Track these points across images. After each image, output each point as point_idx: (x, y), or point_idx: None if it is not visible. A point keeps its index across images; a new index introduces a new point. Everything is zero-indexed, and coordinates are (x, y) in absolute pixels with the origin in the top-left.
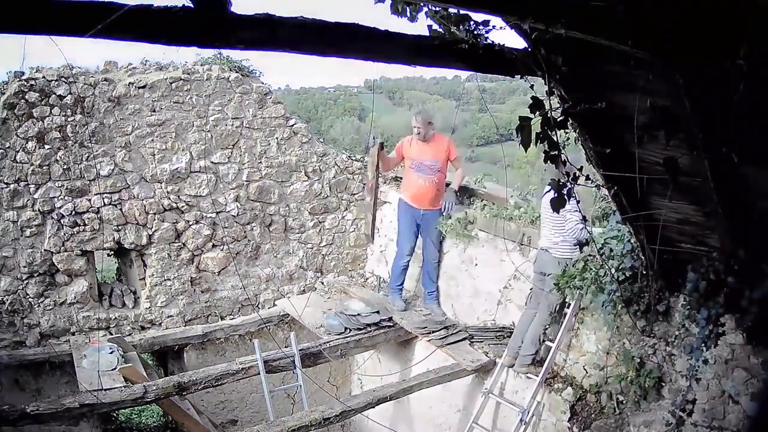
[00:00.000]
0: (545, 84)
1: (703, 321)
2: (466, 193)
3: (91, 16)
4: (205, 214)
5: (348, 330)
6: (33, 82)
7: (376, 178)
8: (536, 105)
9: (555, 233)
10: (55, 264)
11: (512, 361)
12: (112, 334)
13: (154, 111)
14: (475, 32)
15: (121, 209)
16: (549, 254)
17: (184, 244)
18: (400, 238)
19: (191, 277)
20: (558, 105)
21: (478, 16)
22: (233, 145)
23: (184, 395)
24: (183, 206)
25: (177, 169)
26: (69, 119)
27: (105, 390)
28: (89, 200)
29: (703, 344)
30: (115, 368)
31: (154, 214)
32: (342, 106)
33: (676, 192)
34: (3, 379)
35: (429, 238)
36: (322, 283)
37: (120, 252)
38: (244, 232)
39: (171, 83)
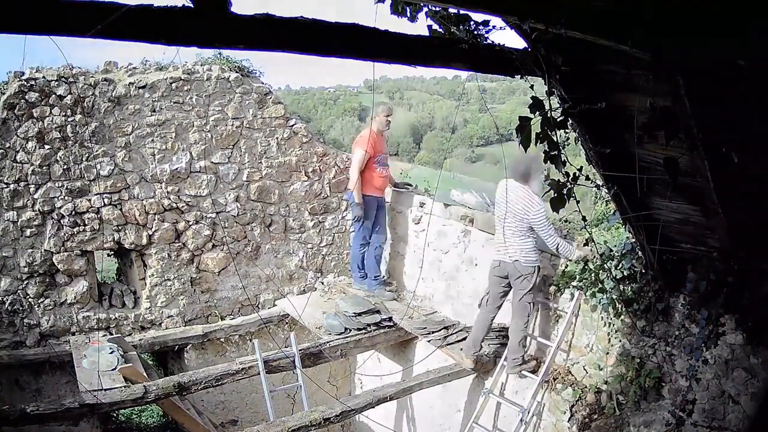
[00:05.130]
0: (545, 84)
1: (703, 321)
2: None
3: (91, 16)
4: (205, 214)
5: (348, 330)
6: (33, 82)
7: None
8: (536, 105)
9: (521, 242)
10: (55, 264)
11: (473, 364)
12: (112, 334)
13: (154, 111)
14: (475, 32)
15: (121, 209)
16: (517, 264)
17: (184, 244)
18: (365, 230)
19: (191, 277)
20: (558, 105)
21: (478, 16)
22: (233, 145)
23: (184, 395)
24: (183, 206)
25: (177, 169)
26: (69, 119)
27: (105, 390)
28: (89, 200)
29: (703, 344)
30: (115, 368)
31: (154, 214)
32: (342, 106)
33: (676, 192)
34: (3, 379)
35: (383, 223)
36: (322, 283)
37: (120, 252)
38: (244, 232)
39: (171, 83)
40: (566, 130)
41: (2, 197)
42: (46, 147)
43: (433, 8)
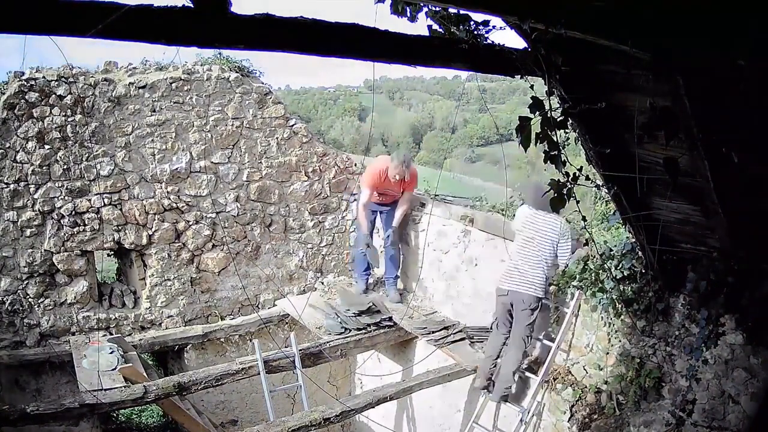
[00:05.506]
0: (545, 84)
1: (703, 321)
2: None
3: (91, 16)
4: (205, 214)
5: (348, 330)
6: (33, 82)
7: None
8: (536, 105)
9: (538, 270)
10: (55, 264)
11: (485, 383)
12: (112, 334)
13: (154, 111)
14: (475, 32)
15: (121, 209)
16: (528, 294)
17: (184, 244)
18: (359, 229)
19: (191, 277)
20: (558, 105)
21: (478, 16)
22: (233, 145)
23: (184, 395)
24: (183, 206)
25: (177, 169)
26: (69, 119)
27: (105, 390)
28: (89, 200)
29: (703, 344)
30: (115, 368)
31: (154, 214)
32: (342, 106)
33: (676, 192)
34: (3, 379)
35: (389, 221)
36: (322, 283)
37: (120, 252)
38: (244, 232)
39: (171, 83)
40: (566, 130)
41: (2, 197)
42: (46, 147)
43: (433, 8)
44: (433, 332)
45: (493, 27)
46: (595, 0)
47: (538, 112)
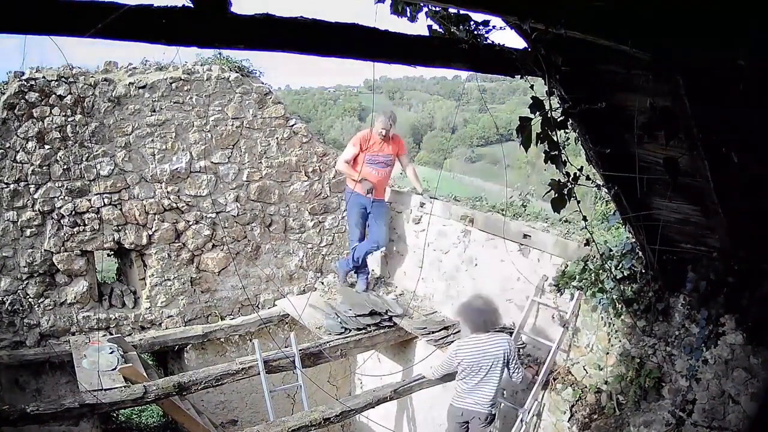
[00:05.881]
0: (545, 84)
1: (703, 321)
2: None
3: (91, 16)
4: (205, 214)
5: (348, 330)
6: (33, 82)
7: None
8: (536, 105)
9: (491, 390)
10: (55, 264)
11: None
12: (112, 334)
13: (154, 111)
14: (475, 32)
15: (121, 209)
16: (483, 412)
17: (184, 244)
18: (352, 226)
19: (191, 277)
20: (558, 105)
21: (478, 16)
22: (233, 145)
23: (184, 395)
24: (183, 206)
25: (177, 169)
26: (69, 119)
27: (105, 390)
28: (89, 200)
29: (703, 344)
30: (115, 368)
31: (154, 214)
32: (342, 106)
33: (676, 192)
34: (3, 379)
35: (379, 223)
36: (322, 283)
37: (120, 252)
38: (244, 232)
39: (171, 83)
40: (566, 130)
41: (2, 197)
42: (46, 147)
43: (433, 8)
44: (433, 332)
45: (493, 27)
46: (595, 0)
47: (538, 112)
